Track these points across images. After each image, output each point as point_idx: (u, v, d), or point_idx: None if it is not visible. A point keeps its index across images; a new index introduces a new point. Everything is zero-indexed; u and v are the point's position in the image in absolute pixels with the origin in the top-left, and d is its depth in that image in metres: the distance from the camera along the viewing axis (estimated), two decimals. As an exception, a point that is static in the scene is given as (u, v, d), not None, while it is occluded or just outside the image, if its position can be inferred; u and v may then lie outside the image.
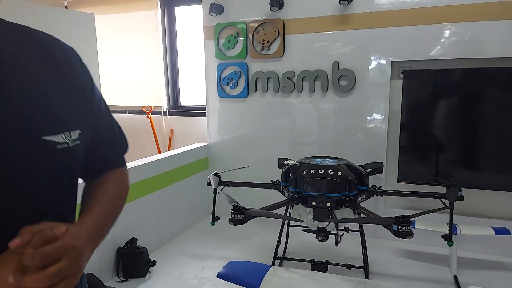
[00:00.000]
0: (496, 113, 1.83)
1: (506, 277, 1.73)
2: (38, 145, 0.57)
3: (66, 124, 0.62)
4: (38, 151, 0.57)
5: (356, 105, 2.13)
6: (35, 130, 0.57)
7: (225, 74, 2.42)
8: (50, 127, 0.59)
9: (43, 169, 0.59)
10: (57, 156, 0.60)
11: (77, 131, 0.63)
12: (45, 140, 0.57)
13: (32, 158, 0.57)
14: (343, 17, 2.08)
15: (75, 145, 0.63)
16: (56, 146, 0.59)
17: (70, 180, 0.68)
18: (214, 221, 1.74)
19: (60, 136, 0.60)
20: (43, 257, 0.50)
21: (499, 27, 1.81)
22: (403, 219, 1.14)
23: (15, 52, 0.59)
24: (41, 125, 0.58)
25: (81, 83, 0.69)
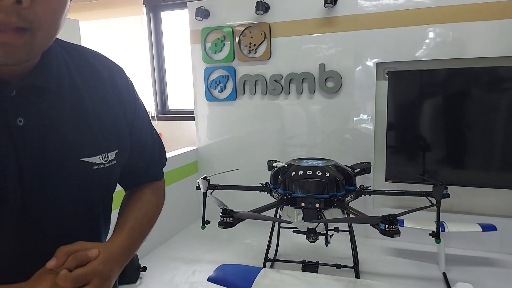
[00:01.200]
0: (480, 112, 1.86)
1: (494, 273, 1.76)
2: (76, 166, 0.63)
3: (104, 146, 0.67)
4: (75, 171, 0.63)
5: (343, 107, 2.16)
6: (75, 152, 0.62)
7: (212, 78, 2.42)
8: (89, 149, 0.64)
9: (79, 189, 0.64)
10: (92, 175, 0.65)
11: (114, 152, 0.68)
12: (82, 161, 0.63)
13: (69, 177, 0.62)
14: (328, 20, 2.10)
15: (110, 165, 0.68)
16: (92, 167, 0.65)
17: (103, 196, 0.72)
18: (204, 225, 1.74)
19: (98, 158, 0.65)
20: (74, 279, 0.56)
21: (481, 27, 1.85)
22: (390, 218, 1.15)
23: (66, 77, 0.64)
24: (81, 147, 0.63)
25: (123, 105, 0.73)
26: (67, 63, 0.66)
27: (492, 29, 1.83)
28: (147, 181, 0.86)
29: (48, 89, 0.60)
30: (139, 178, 0.84)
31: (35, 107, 0.58)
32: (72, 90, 0.64)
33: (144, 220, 0.80)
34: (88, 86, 0.67)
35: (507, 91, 1.80)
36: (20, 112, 0.56)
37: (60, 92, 0.62)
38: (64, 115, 0.62)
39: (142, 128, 0.80)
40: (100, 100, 0.68)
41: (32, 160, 0.58)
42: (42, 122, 0.59)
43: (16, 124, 0.56)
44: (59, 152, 0.61)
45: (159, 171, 0.89)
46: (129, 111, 0.75)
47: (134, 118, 0.76)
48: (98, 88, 0.69)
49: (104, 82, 0.70)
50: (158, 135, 0.88)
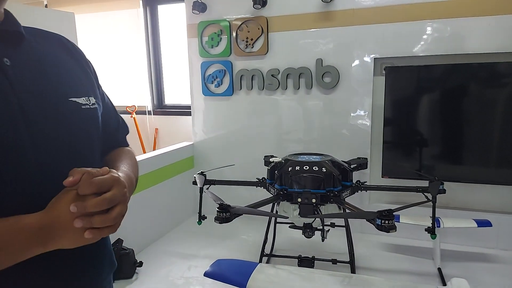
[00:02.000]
0: (477, 108, 1.87)
1: (489, 268, 1.77)
2: (67, 105, 0.69)
3: (84, 91, 0.74)
4: (68, 109, 0.69)
5: (340, 102, 2.15)
6: (63, 92, 0.69)
7: (209, 72, 2.40)
8: (74, 92, 0.71)
9: (74, 126, 0.70)
10: (83, 114, 0.71)
11: (92, 98, 0.75)
12: (71, 100, 0.70)
13: (65, 114, 0.68)
14: (325, 14, 2.09)
15: (94, 108, 0.75)
16: (81, 106, 0.71)
17: (99, 138, 0.77)
18: (200, 220, 1.73)
19: (82, 99, 0.72)
20: (97, 185, 0.59)
21: (479, 23, 1.84)
22: (386, 213, 1.15)
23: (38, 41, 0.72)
24: (68, 88, 0.71)
25: (89, 67, 0.83)
26: (30, 32, 0.72)
27: (489, 24, 1.83)
28: (119, 145, 0.92)
29: (22, 35, 0.67)
30: (113, 139, 0.90)
31: (17, 50, 0.64)
32: (40, 46, 0.71)
33: (134, 166, 0.86)
34: (57, 48, 0.75)
35: (504, 87, 1.81)
36: (4, 54, 0.61)
37: (32, 43, 0.69)
38: (44, 60, 0.69)
39: (104, 96, 0.87)
40: (71, 58, 0.77)
41: (29, 96, 0.62)
42: (27, 64, 0.65)
43: (3, 63, 0.61)
44: (49, 92, 0.66)
45: (125, 138, 0.96)
46: (94, 77, 0.83)
47: (99, 83, 0.85)
48: (65, 49, 0.77)
49: (69, 48, 0.78)
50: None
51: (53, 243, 0.59)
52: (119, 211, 0.61)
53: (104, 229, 0.60)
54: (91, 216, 0.58)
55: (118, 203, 0.62)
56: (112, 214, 0.60)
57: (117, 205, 0.62)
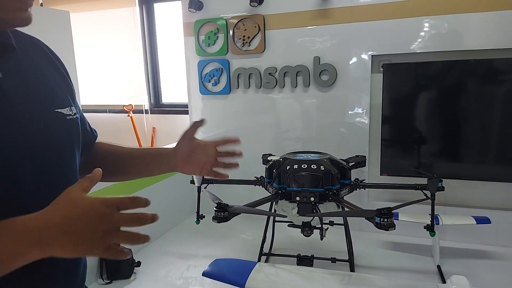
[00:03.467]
0: (475, 104, 1.86)
1: (488, 265, 1.76)
2: (53, 116, 0.69)
3: (66, 101, 0.75)
4: (54, 120, 0.69)
5: (338, 100, 2.14)
6: (49, 104, 0.70)
7: (206, 71, 2.39)
8: (58, 102, 0.72)
9: (61, 137, 0.70)
10: (68, 124, 0.72)
11: (74, 107, 0.76)
12: (57, 111, 0.70)
13: (53, 126, 0.69)
14: (322, 12, 2.08)
15: (76, 117, 0.76)
16: (66, 117, 0.72)
17: (79, 149, 0.77)
18: (199, 219, 1.73)
19: (66, 109, 0.72)
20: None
21: (476, 19, 1.84)
22: (385, 211, 1.15)
23: (25, 51, 0.72)
24: (52, 100, 0.71)
25: (68, 75, 0.82)
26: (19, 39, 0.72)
27: (487, 21, 1.82)
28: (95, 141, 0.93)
29: (12, 48, 0.67)
30: (89, 136, 0.90)
31: (8, 63, 0.66)
32: (28, 56, 0.72)
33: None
34: (39, 56, 0.75)
35: (502, 84, 1.80)
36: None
37: (20, 54, 0.70)
38: (31, 72, 0.70)
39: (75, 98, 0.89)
40: (51, 67, 0.77)
41: (22, 109, 0.63)
42: (17, 76, 0.66)
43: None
44: (37, 103, 0.67)
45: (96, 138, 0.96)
46: (69, 78, 0.83)
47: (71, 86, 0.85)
48: (47, 58, 0.77)
49: (49, 55, 0.78)
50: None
51: (52, 248, 0.54)
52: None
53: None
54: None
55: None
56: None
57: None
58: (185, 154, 0.91)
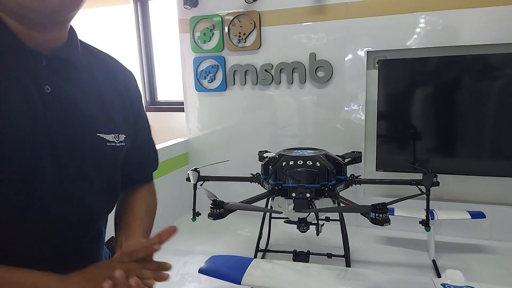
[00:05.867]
0: (471, 100, 1.87)
1: (483, 260, 1.78)
2: (92, 139, 0.70)
3: (116, 127, 0.74)
4: (91, 144, 0.69)
5: (334, 96, 2.14)
6: (92, 126, 0.70)
7: (202, 68, 2.38)
8: (104, 127, 0.72)
9: (94, 163, 0.70)
10: (104, 151, 0.72)
11: (123, 135, 0.76)
12: (98, 136, 0.70)
13: (85, 148, 0.69)
14: (318, 8, 2.08)
15: (120, 146, 0.75)
16: (106, 143, 0.72)
17: (113, 175, 0.77)
18: (195, 216, 1.73)
19: (111, 136, 0.73)
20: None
21: (471, 14, 1.84)
22: (380, 206, 1.15)
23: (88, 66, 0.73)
24: (97, 123, 0.71)
25: (131, 101, 0.82)
26: (86, 56, 0.74)
27: (481, 16, 1.82)
28: (140, 181, 0.93)
29: (73, 65, 0.69)
30: (134, 175, 0.90)
31: (61, 78, 0.66)
32: (90, 74, 0.73)
33: (149, 220, 0.90)
34: (103, 77, 0.76)
35: (497, 79, 1.81)
36: (48, 81, 0.63)
37: (82, 72, 0.71)
38: (84, 92, 0.70)
39: (143, 129, 0.88)
40: (113, 89, 0.77)
41: (58, 126, 0.64)
42: (66, 94, 0.66)
43: (44, 91, 0.63)
44: (79, 124, 0.68)
45: (151, 173, 0.96)
46: (135, 109, 0.84)
47: (139, 117, 0.85)
48: (112, 80, 0.78)
49: (115, 76, 0.79)
50: (154, 143, 0.97)
51: None
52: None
53: None
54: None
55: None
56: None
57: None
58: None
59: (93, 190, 0.72)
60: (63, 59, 0.66)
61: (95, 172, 0.71)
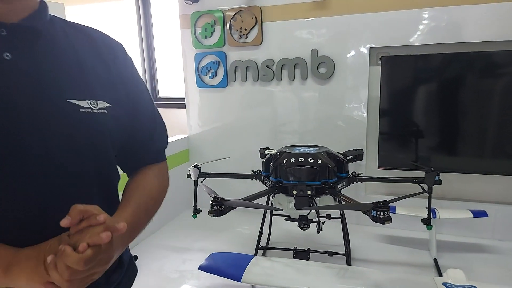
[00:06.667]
0: (474, 98, 1.85)
1: (484, 259, 1.76)
2: (61, 106, 0.64)
3: (94, 93, 0.69)
4: (60, 112, 0.64)
5: (335, 93, 2.13)
6: (61, 93, 0.65)
7: (203, 64, 2.37)
8: (77, 92, 0.66)
9: (63, 129, 0.65)
10: (79, 118, 0.66)
11: (104, 102, 0.70)
12: (68, 102, 0.65)
13: (53, 118, 0.63)
14: (320, 3, 2.05)
15: (101, 113, 0.69)
16: (79, 109, 0.66)
17: (95, 149, 0.70)
18: (195, 213, 1.72)
19: (85, 102, 0.67)
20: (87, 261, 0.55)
21: (475, 11, 1.82)
22: (381, 204, 1.14)
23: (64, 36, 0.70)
24: (68, 89, 0.66)
25: (119, 69, 0.76)
26: (63, 27, 0.71)
27: (485, 12, 1.80)
28: (147, 162, 0.85)
29: (39, 33, 0.65)
30: (138, 156, 0.83)
31: (26, 46, 0.63)
32: (66, 43, 0.69)
33: (149, 201, 0.81)
34: (84, 47, 0.72)
35: (501, 77, 1.79)
36: (8, 49, 0.61)
37: (54, 40, 0.67)
38: (55, 59, 0.66)
39: (141, 100, 0.81)
40: (96, 58, 0.72)
41: (22, 95, 0.60)
42: (31, 61, 0.63)
43: (3, 57, 0.60)
44: (45, 92, 0.63)
45: (159, 152, 0.88)
46: (127, 77, 0.78)
47: (133, 87, 0.79)
48: (96, 49, 0.73)
49: (99, 45, 0.75)
50: (161, 117, 0.88)
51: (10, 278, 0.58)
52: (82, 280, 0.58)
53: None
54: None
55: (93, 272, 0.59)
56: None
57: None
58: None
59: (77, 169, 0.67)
60: (28, 27, 0.64)
61: (70, 141, 0.66)
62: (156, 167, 0.86)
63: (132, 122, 0.77)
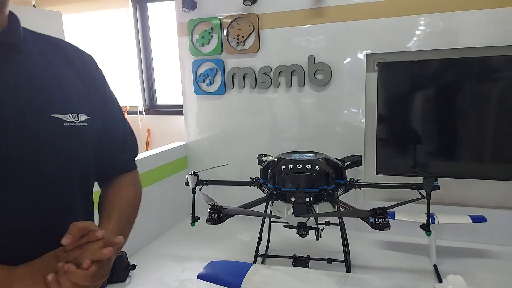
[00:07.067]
0: (471, 103, 1.85)
1: (484, 264, 1.76)
2: (46, 121, 0.65)
3: (75, 106, 0.70)
4: (46, 127, 0.65)
5: (333, 99, 2.13)
6: (45, 108, 0.65)
7: (201, 71, 2.37)
8: (59, 106, 0.67)
9: (51, 144, 0.65)
10: (63, 132, 0.67)
11: (84, 115, 0.71)
12: (52, 117, 0.65)
13: (40, 133, 0.64)
14: (317, 11, 2.07)
15: (82, 126, 0.70)
16: (63, 123, 0.67)
17: (81, 160, 0.72)
18: (194, 221, 1.71)
19: (68, 116, 0.68)
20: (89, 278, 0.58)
21: (471, 17, 1.83)
22: (380, 211, 1.14)
23: (38, 50, 0.70)
24: (51, 104, 0.66)
25: (93, 81, 0.78)
26: (36, 40, 0.71)
27: (481, 18, 1.81)
28: (120, 172, 0.87)
29: (17, 48, 0.65)
30: (112, 165, 0.85)
31: (5, 62, 0.63)
32: (41, 57, 0.69)
33: (128, 208, 0.83)
34: (59, 60, 0.72)
35: (498, 82, 1.79)
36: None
37: (30, 54, 0.67)
38: (34, 74, 0.66)
39: (113, 111, 0.83)
40: (70, 69, 0.73)
41: (9, 110, 0.60)
42: (13, 76, 0.63)
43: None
44: (29, 107, 0.63)
45: (131, 161, 0.91)
46: (100, 89, 0.79)
47: (105, 98, 0.81)
48: (70, 62, 0.74)
49: (72, 58, 0.75)
50: (130, 127, 0.91)
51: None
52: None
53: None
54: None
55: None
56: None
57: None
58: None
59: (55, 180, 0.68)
60: (5, 42, 0.63)
61: (57, 154, 0.67)
62: (129, 175, 0.89)
63: (106, 133, 0.79)
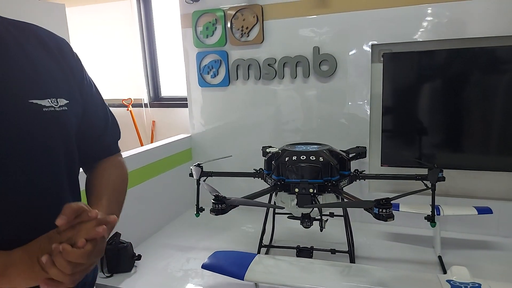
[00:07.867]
0: (479, 94, 1.83)
1: (489, 256, 1.75)
2: (25, 107, 0.65)
3: (53, 91, 0.70)
4: (25, 113, 0.65)
5: (338, 90, 2.12)
6: (23, 95, 0.65)
7: (205, 63, 2.37)
8: (37, 92, 0.67)
9: (32, 130, 0.66)
10: (44, 117, 0.67)
11: (63, 99, 0.71)
12: (31, 103, 0.65)
13: (20, 119, 0.64)
14: (322, 1, 2.04)
15: (62, 110, 0.70)
16: (42, 108, 0.67)
17: (64, 145, 0.72)
18: (198, 212, 1.72)
19: (47, 101, 0.68)
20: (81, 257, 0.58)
21: (479, 5, 1.80)
22: (384, 202, 1.13)
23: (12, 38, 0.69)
24: (29, 90, 0.66)
25: (70, 66, 0.77)
26: (8, 27, 0.70)
27: (488, 7, 1.78)
28: (103, 156, 0.88)
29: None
30: (97, 150, 0.86)
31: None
32: (15, 42, 0.68)
33: (116, 189, 0.84)
34: (33, 45, 0.71)
35: (506, 72, 1.77)
36: None
37: (3, 42, 0.66)
38: (10, 60, 0.66)
39: (92, 95, 0.84)
40: (46, 54, 0.73)
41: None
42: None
43: None
44: (7, 93, 0.63)
45: (114, 144, 0.92)
46: (77, 74, 0.79)
47: (83, 82, 0.81)
48: (44, 47, 0.73)
49: (47, 43, 0.74)
50: (110, 111, 0.92)
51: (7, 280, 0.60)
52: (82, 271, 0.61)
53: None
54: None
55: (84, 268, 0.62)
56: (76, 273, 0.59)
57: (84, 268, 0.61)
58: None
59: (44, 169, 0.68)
60: None
61: (40, 140, 0.67)
62: (113, 158, 0.90)
63: (87, 116, 0.80)
